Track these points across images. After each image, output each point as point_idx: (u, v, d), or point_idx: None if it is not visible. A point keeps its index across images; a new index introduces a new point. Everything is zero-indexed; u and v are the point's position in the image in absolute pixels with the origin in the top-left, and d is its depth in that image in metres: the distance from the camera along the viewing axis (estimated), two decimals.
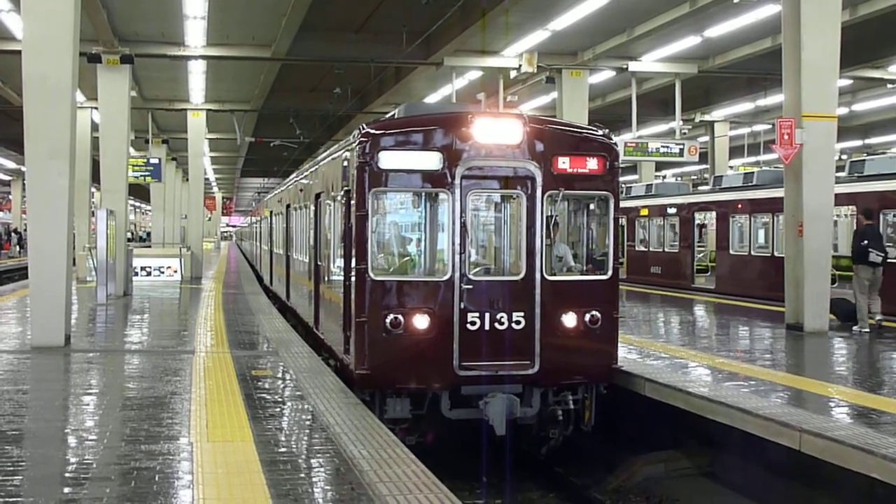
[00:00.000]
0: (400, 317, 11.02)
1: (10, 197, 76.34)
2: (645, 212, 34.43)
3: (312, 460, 8.03)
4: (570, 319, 11.58)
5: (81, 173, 29.09)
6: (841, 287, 22.20)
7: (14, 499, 6.79)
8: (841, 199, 20.87)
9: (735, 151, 44.93)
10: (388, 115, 12.99)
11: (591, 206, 12.62)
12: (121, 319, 19.52)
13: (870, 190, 22.94)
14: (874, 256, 17.22)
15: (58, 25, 14.37)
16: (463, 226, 11.30)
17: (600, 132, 12.40)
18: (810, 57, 17.17)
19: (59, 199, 14.53)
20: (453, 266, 11.26)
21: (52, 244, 14.63)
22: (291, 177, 26.96)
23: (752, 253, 25.52)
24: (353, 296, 11.43)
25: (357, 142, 11.38)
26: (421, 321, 11.10)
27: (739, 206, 28.24)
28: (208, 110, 36.32)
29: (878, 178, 23.26)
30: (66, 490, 7.07)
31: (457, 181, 11.24)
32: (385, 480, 7.26)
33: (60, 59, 14.42)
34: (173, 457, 7.96)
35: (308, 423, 9.48)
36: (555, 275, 11.90)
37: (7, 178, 72.24)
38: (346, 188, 12.10)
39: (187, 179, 44.36)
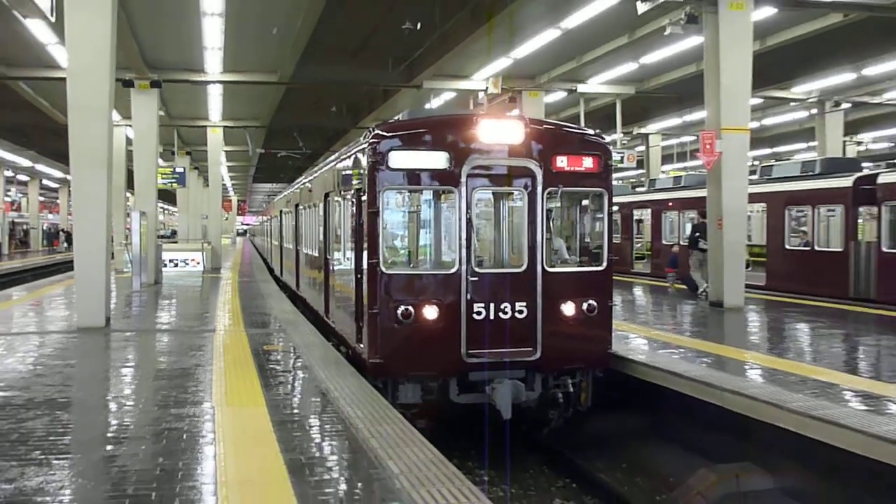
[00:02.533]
0: (410, 308, 10.15)
1: (58, 201, 76.01)
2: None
3: (315, 420, 8.04)
4: (569, 308, 10.73)
5: (118, 181, 29.01)
6: (755, 271, 22.46)
7: (64, 455, 6.80)
8: (754, 198, 21.09)
9: (666, 159, 45.26)
10: (393, 119, 11.94)
11: (585, 203, 11.67)
12: (152, 304, 19.45)
13: (777, 190, 23.16)
14: (703, 244, 19.85)
15: (97, 56, 14.33)
16: (469, 221, 10.39)
17: (594, 133, 11.69)
18: (727, 80, 17.31)
19: (99, 202, 14.53)
20: (460, 260, 10.37)
21: (93, 241, 14.61)
22: (299, 180, 25.87)
23: (681, 243, 25.59)
24: (365, 288, 10.52)
25: (368, 143, 10.48)
26: (430, 312, 10.22)
27: (670, 204, 28.44)
28: (225, 126, 36.32)
29: (783, 181, 23.50)
30: (108, 448, 7.06)
31: (463, 179, 10.35)
32: (377, 437, 7.29)
33: (99, 85, 14.39)
34: (198, 419, 7.96)
35: (311, 389, 9.47)
36: (554, 267, 10.96)
37: (55, 185, 71.97)
38: (357, 187, 11.17)
39: (207, 185, 44.06)
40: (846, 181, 20.89)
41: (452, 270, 10.39)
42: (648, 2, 16.78)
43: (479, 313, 10.32)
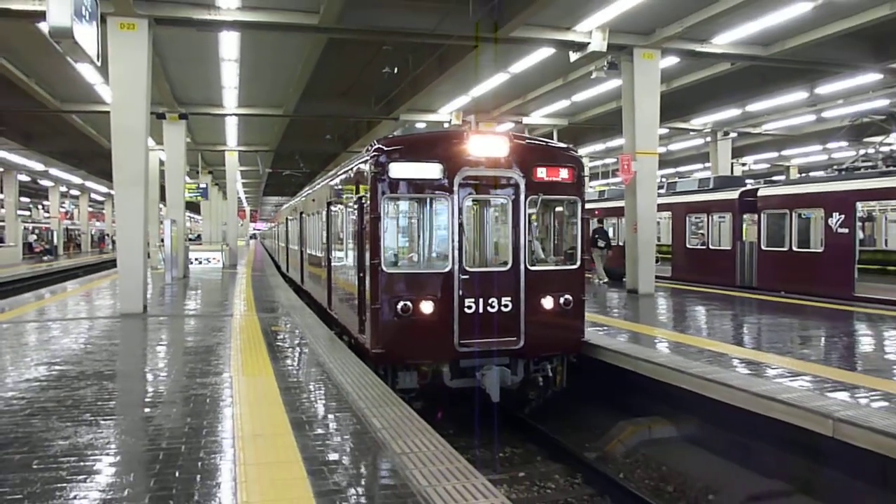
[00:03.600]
0: (409, 303, 9.39)
1: (104, 212, 75.46)
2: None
3: (314, 387, 8.02)
4: (548, 302, 10.00)
5: (153, 195, 28.73)
6: (663, 265, 22.73)
7: (110, 417, 6.74)
8: (662, 208, 21.35)
9: (593, 176, 45.59)
10: (392, 135, 11.24)
11: (559, 209, 10.91)
12: (181, 294, 19.24)
13: (680, 201, 23.44)
14: (600, 243, 21.47)
15: (135, 94, 14.24)
16: (460, 226, 9.62)
17: (569, 147, 10.85)
18: (640, 114, 17.51)
19: (137, 213, 14.44)
20: (452, 260, 9.60)
21: (133, 243, 14.52)
22: (302, 192, 24.85)
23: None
24: (367, 286, 9.72)
25: (371, 155, 9.67)
26: (426, 307, 9.47)
27: (597, 212, 28.66)
28: (239, 150, 36.01)
29: (684, 194, 23.79)
30: (146, 410, 7.02)
31: (455, 188, 9.60)
32: (363, 399, 7.31)
33: (137, 117, 14.30)
34: (219, 386, 7.92)
35: (311, 361, 9.45)
36: (534, 265, 10.10)
37: (101, 199, 71.35)
38: (359, 195, 10.30)
39: (226, 198, 43.73)
40: (733, 194, 21.21)
41: (446, 269, 9.64)
42: (578, 52, 16.91)
43: (469, 307, 9.63)
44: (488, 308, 9.71)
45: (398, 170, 9.50)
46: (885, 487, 6.52)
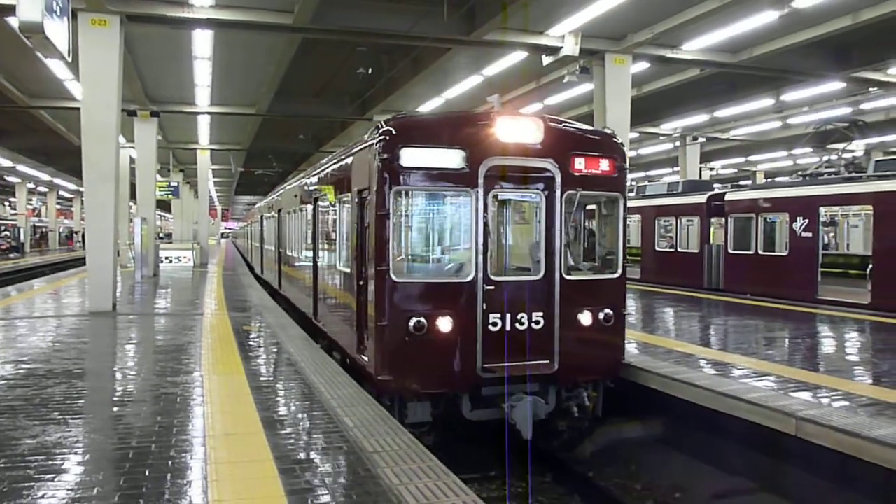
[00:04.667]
0: (423, 320, 7.74)
1: (73, 209, 74.39)
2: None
3: (285, 386, 7.99)
4: (585, 318, 8.43)
5: (123, 192, 28.37)
6: (632, 267, 22.94)
7: (79, 416, 6.66)
8: (632, 211, 21.58)
9: None
10: (401, 114, 9.32)
11: (591, 207, 9.35)
12: (151, 293, 19.01)
13: (649, 204, 23.71)
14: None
15: (106, 91, 14.05)
16: (485, 226, 7.99)
17: (611, 134, 9.11)
18: (611, 118, 17.64)
19: (107, 210, 14.24)
20: (475, 267, 7.96)
21: (102, 241, 14.34)
22: (281, 187, 22.69)
23: None
24: (371, 298, 8.05)
25: (378, 139, 7.90)
26: (444, 324, 7.81)
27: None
28: (212, 149, 35.72)
29: (654, 197, 24.07)
30: (116, 409, 6.95)
31: (479, 180, 7.94)
32: (335, 398, 7.31)
33: (108, 114, 14.11)
34: (190, 385, 7.85)
35: (282, 361, 9.41)
36: (570, 274, 8.49)
37: (70, 196, 70.33)
38: (360, 188, 8.65)
39: (197, 196, 43.21)
40: (702, 198, 21.50)
41: (468, 278, 8.00)
42: (552, 56, 17.02)
43: (494, 324, 8.00)
44: (517, 325, 8.12)
45: (411, 157, 7.81)
46: (845, 484, 6.67)
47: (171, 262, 28.23)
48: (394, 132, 7.88)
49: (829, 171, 18.54)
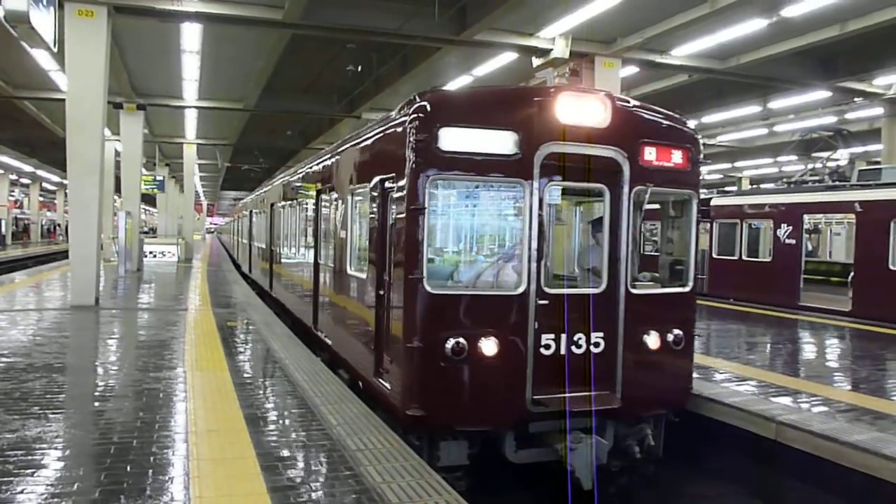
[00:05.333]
0: (463, 341, 6.28)
1: (56, 201, 73.66)
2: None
3: (269, 382, 7.98)
4: (653, 340, 7.04)
5: (107, 186, 28.23)
6: None
7: (59, 410, 6.61)
8: None
9: None
10: (434, 88, 7.20)
11: (648, 207, 7.38)
12: (135, 287, 18.88)
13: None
14: None
15: (92, 83, 13.95)
16: (541, 227, 6.59)
17: (684, 120, 7.69)
18: None
19: (91, 203, 14.13)
20: (528, 276, 6.53)
21: (86, 234, 14.21)
22: (272, 180, 20.63)
23: None
24: (398, 312, 6.57)
25: (411, 116, 6.43)
26: (488, 346, 6.36)
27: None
28: (198, 144, 35.58)
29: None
30: (97, 404, 6.90)
31: (535, 170, 6.53)
32: (319, 396, 7.31)
33: (94, 107, 14.01)
34: (173, 381, 7.82)
35: (266, 357, 9.39)
36: (635, 287, 7.07)
37: (53, 188, 69.68)
38: (383, 177, 7.16)
39: (183, 191, 43.02)
40: None
41: (518, 290, 6.56)
42: (541, 58, 17.08)
43: (546, 347, 6.62)
44: (573, 348, 6.73)
45: (454, 139, 6.37)
46: (824, 489, 6.75)
47: (155, 256, 28.07)
48: (431, 108, 6.40)
49: (814, 180, 18.73)
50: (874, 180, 16.01)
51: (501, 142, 6.50)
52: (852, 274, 15.45)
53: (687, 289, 7.51)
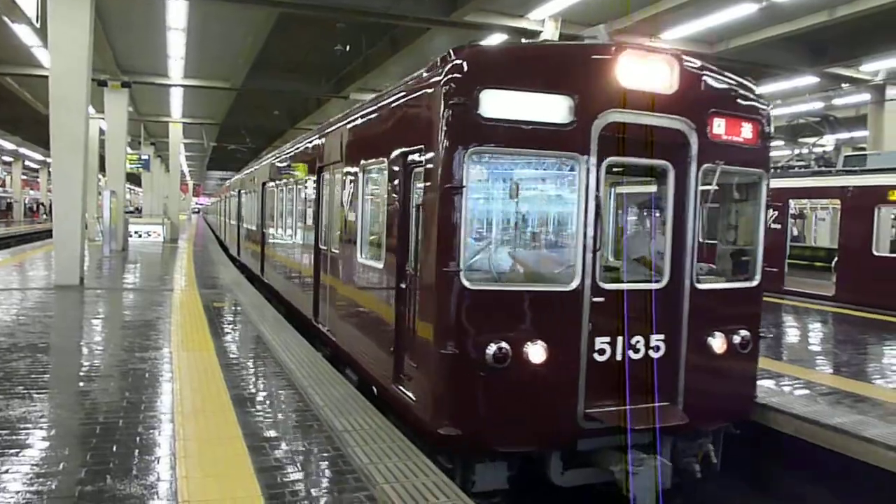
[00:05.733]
0: (506, 346, 5.30)
1: (39, 180, 72.95)
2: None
3: (255, 363, 7.97)
4: (718, 343, 6.15)
5: (92, 164, 27.76)
6: None
7: (44, 390, 6.58)
8: None
9: None
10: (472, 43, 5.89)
11: (708, 188, 6.17)
12: (120, 267, 18.75)
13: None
14: None
15: (76, 59, 13.75)
16: (597, 210, 5.62)
17: (751, 86, 6.50)
18: None
19: (75, 181, 14.01)
20: (583, 269, 5.60)
21: (70, 213, 14.10)
22: (266, 155, 19.21)
23: None
24: (427, 311, 5.65)
25: (446, 76, 5.40)
26: (535, 352, 5.40)
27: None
28: (184, 123, 35.22)
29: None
30: (82, 384, 6.87)
31: (592, 143, 5.53)
32: (306, 377, 7.31)
33: (77, 84, 13.83)
34: (158, 361, 7.79)
35: (252, 338, 9.36)
36: (700, 282, 6.11)
37: (36, 166, 68.97)
38: (406, 149, 6.20)
39: (168, 171, 42.72)
40: None
41: (571, 286, 5.62)
42: (531, 40, 16.98)
43: (601, 352, 5.68)
44: (630, 352, 5.81)
45: (497, 104, 5.31)
46: (806, 470, 6.84)
47: (140, 236, 27.86)
48: (470, 67, 5.36)
49: (800, 165, 18.82)
50: (859, 166, 16.10)
51: (554, 108, 5.45)
52: (836, 259, 15.59)
53: (754, 283, 6.56)
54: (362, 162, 7.70)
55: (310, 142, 11.10)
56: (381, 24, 18.37)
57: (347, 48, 21.26)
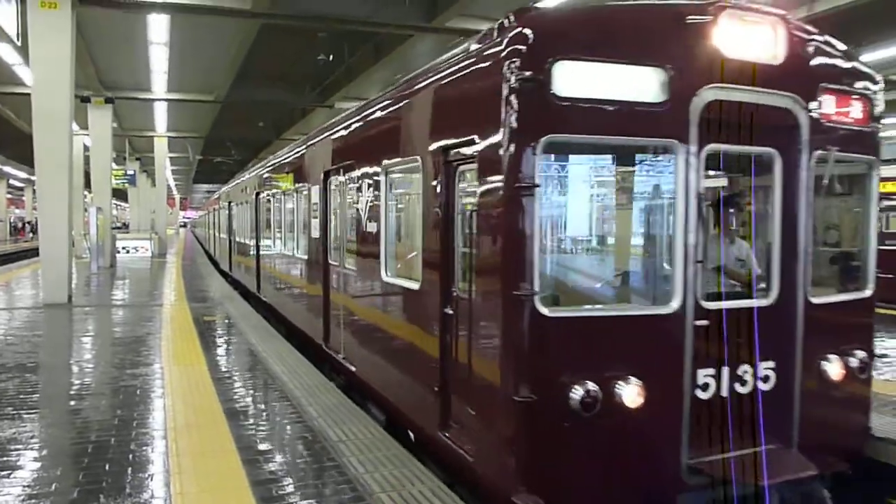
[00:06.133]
0: (595, 387, 4.25)
1: (24, 198, 72.55)
2: None
3: (247, 375, 7.92)
4: (834, 368, 5.04)
5: (77, 181, 27.61)
6: None
7: (34, 410, 6.52)
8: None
9: None
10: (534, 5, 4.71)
11: (821, 180, 4.98)
12: (108, 284, 18.63)
13: None
14: None
15: (58, 76, 13.68)
16: (700, 212, 4.56)
17: (856, 55, 5.40)
18: None
19: (61, 199, 13.91)
20: (684, 286, 4.50)
21: (56, 230, 14.02)
22: (257, 165, 17.90)
23: None
24: (488, 345, 4.55)
25: (508, 47, 4.29)
26: (630, 393, 4.31)
27: None
28: (169, 137, 35.15)
29: None
30: (73, 403, 6.81)
31: (691, 128, 4.44)
32: (299, 388, 7.28)
33: (61, 100, 13.76)
34: (150, 377, 7.74)
35: (243, 350, 9.31)
36: (815, 296, 4.98)
37: (20, 185, 68.58)
38: (448, 144, 5.08)
39: (154, 185, 42.53)
40: None
41: (670, 308, 4.51)
42: None
43: (704, 387, 4.58)
44: (736, 386, 4.70)
45: (574, 79, 4.22)
46: None
47: (128, 252, 27.73)
48: (538, 35, 4.24)
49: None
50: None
51: (644, 83, 4.35)
52: None
53: (867, 293, 5.39)
54: (385, 162, 6.53)
55: (313, 144, 9.89)
56: (364, 33, 18.38)
57: (330, 57, 21.28)
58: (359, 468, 4.99)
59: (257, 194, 15.33)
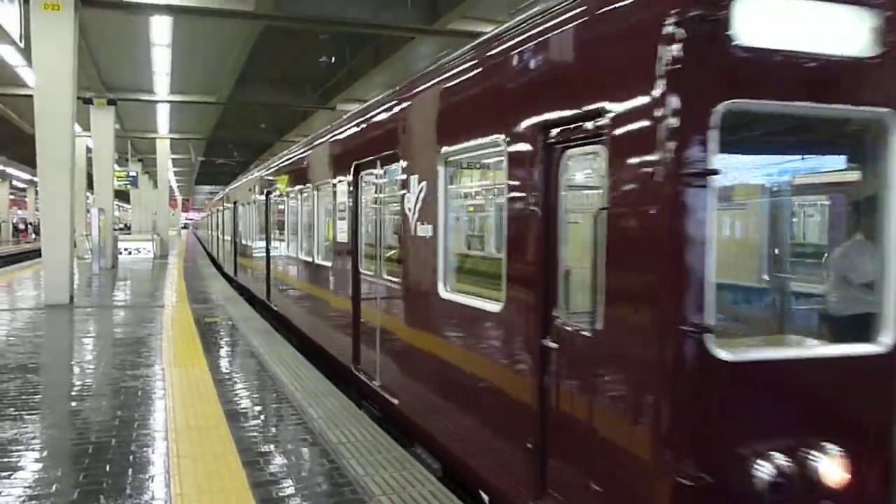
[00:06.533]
0: (786, 461, 2.97)
1: (26, 199, 72.66)
2: None
3: (248, 377, 7.91)
4: None
5: (79, 182, 27.69)
6: None
7: (35, 411, 6.51)
8: None
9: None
10: None
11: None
12: (110, 285, 18.64)
13: None
14: None
15: (60, 78, 13.70)
16: None
17: None
18: None
19: (63, 200, 13.91)
20: None
21: (58, 231, 14.00)
22: (270, 160, 16.06)
23: None
24: (635, 402, 3.16)
25: None
26: (831, 469, 3.01)
27: None
28: (171, 138, 35.19)
29: None
30: (74, 404, 6.81)
31: None
32: (299, 390, 7.27)
33: (63, 102, 13.77)
34: (151, 378, 7.73)
35: (244, 353, 9.31)
36: None
37: (23, 186, 68.69)
38: (547, 120, 3.78)
39: (156, 186, 42.58)
40: None
41: (881, 345, 3.29)
42: None
43: None
44: None
45: (764, 23, 3.01)
46: None
47: (130, 253, 27.73)
48: None
49: None
50: None
51: (849, 30, 3.17)
52: None
53: None
54: (444, 149, 5.20)
55: (337, 134, 8.66)
56: (365, 35, 18.41)
57: (332, 59, 21.32)
58: (359, 470, 4.99)
59: (267, 193, 14.02)
